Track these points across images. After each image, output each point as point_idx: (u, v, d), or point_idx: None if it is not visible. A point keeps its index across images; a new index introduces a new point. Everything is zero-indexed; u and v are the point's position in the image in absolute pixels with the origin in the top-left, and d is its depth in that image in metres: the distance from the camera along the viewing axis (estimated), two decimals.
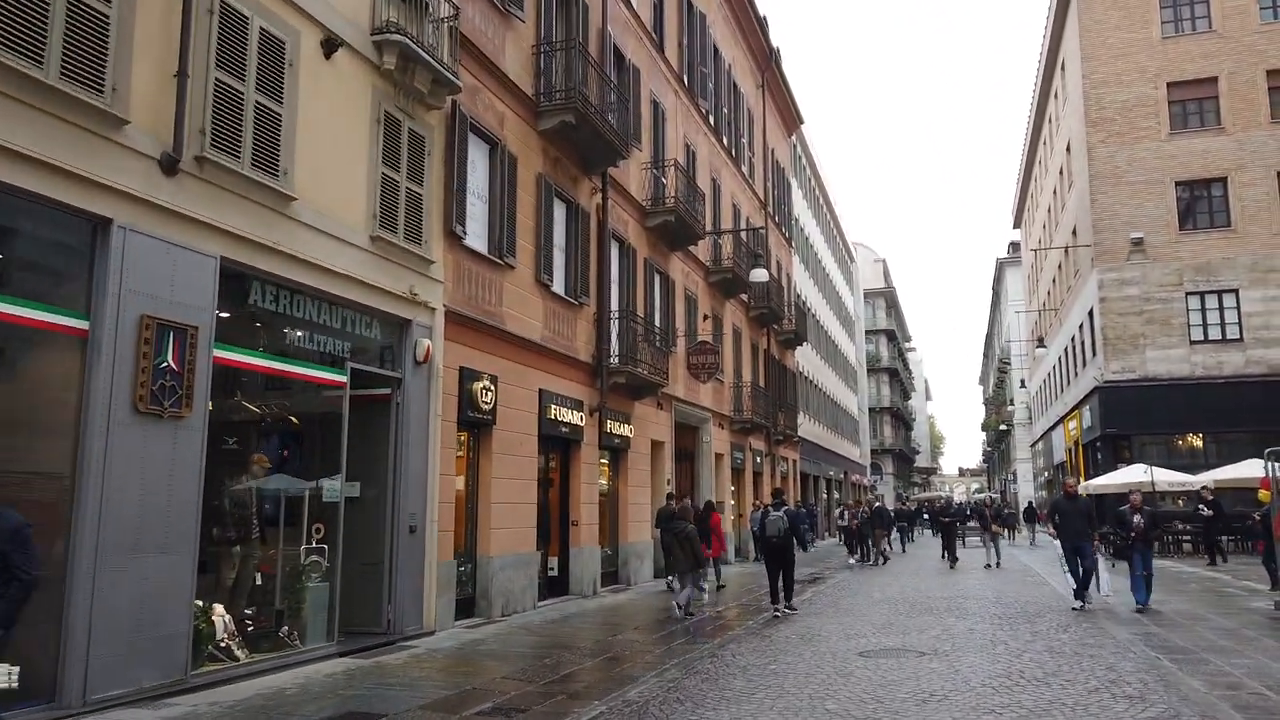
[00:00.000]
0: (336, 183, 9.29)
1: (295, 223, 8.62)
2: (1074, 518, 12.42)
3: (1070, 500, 12.83)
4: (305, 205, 8.75)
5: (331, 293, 9.14)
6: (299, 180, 8.68)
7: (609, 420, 16.01)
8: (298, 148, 8.70)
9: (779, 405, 29.93)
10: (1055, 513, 13.11)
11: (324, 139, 9.12)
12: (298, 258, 8.61)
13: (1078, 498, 12.95)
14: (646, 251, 18.50)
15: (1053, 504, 13.51)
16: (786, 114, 33.96)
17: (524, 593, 12.68)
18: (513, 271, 12.85)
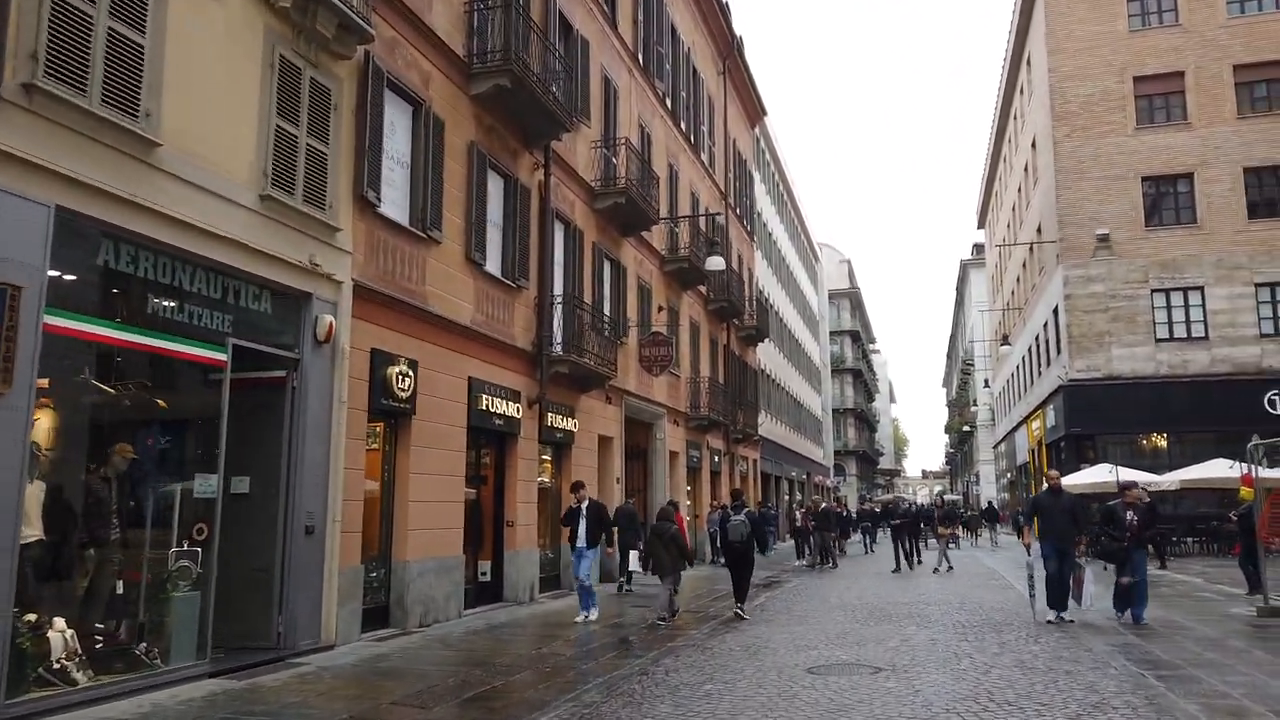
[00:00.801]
0: (218, 133, 8.09)
1: (161, 174, 7.41)
2: (1058, 517, 10.78)
3: (1054, 496, 11.07)
4: (175, 155, 7.55)
5: (209, 257, 7.93)
6: (168, 126, 7.47)
7: (551, 413, 14.90)
8: (167, 88, 7.49)
9: (739, 403, 28.98)
10: (1035, 510, 11.35)
11: (202, 82, 7.92)
12: (164, 214, 7.40)
13: (1062, 493, 11.16)
14: (595, 235, 17.41)
15: (1032, 501, 11.47)
16: (749, 104, 33.07)
17: (447, 600, 11.52)
18: (438, 247, 11.69)
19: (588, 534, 11.91)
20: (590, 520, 11.96)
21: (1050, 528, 10.86)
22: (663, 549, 11.89)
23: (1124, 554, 10.60)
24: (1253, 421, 26.20)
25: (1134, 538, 10.63)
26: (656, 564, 12.21)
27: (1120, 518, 10.86)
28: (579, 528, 11.94)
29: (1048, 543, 10.82)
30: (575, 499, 12.30)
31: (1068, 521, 10.79)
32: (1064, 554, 10.72)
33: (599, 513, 12.19)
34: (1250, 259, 27.31)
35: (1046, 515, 10.99)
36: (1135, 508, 10.87)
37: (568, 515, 12.29)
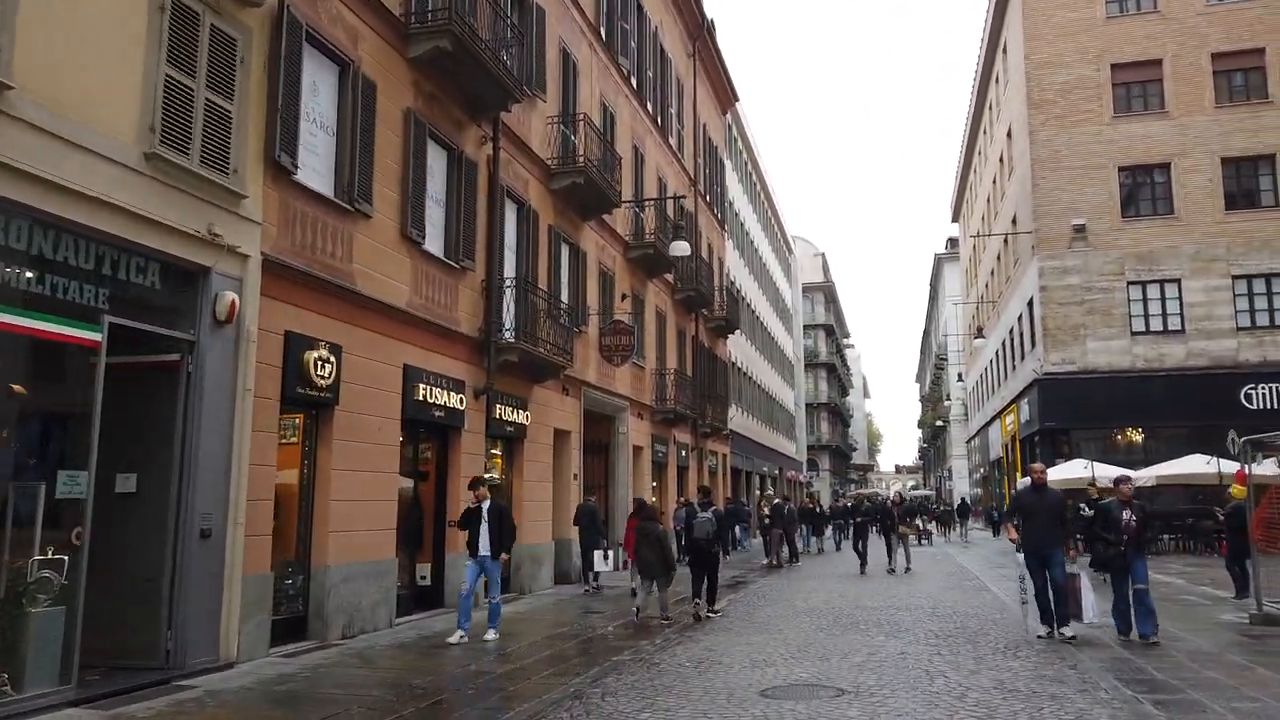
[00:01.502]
0: (91, 80, 7.04)
1: (13, 121, 6.36)
2: (1042, 517, 9.36)
3: (1038, 493, 9.59)
4: (31, 100, 6.49)
5: (77, 221, 6.88)
6: (22, 65, 6.42)
7: (500, 405, 13.91)
8: (21, 23, 6.43)
9: (708, 396, 28.12)
10: (1017, 510, 9.80)
11: (69, 17, 6.86)
12: (16, 169, 6.35)
13: (1047, 490, 9.67)
14: (552, 217, 16.42)
15: (1015, 499, 9.92)
16: (720, 90, 32.16)
17: (375, 609, 10.52)
18: (369, 222, 10.66)
19: (490, 541, 9.97)
20: (492, 524, 9.99)
21: (1033, 531, 9.42)
22: (650, 549, 11.60)
23: (1120, 560, 9.09)
24: (1229, 416, 25.80)
25: (1132, 541, 9.14)
26: (643, 565, 11.80)
27: (1115, 518, 9.28)
28: (478, 532, 9.98)
29: (1032, 550, 9.43)
30: (474, 498, 10.18)
31: (1054, 523, 9.38)
32: (1048, 561, 9.31)
33: (502, 515, 10.18)
34: (1228, 251, 26.83)
35: (1029, 516, 9.52)
36: (1133, 505, 9.36)
37: (464, 517, 10.19)
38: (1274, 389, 25.96)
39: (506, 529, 10.26)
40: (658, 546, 11.57)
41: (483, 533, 10.00)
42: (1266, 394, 26.00)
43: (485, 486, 10.28)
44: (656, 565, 11.58)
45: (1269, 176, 27.03)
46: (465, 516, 10.22)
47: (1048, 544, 9.36)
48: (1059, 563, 9.33)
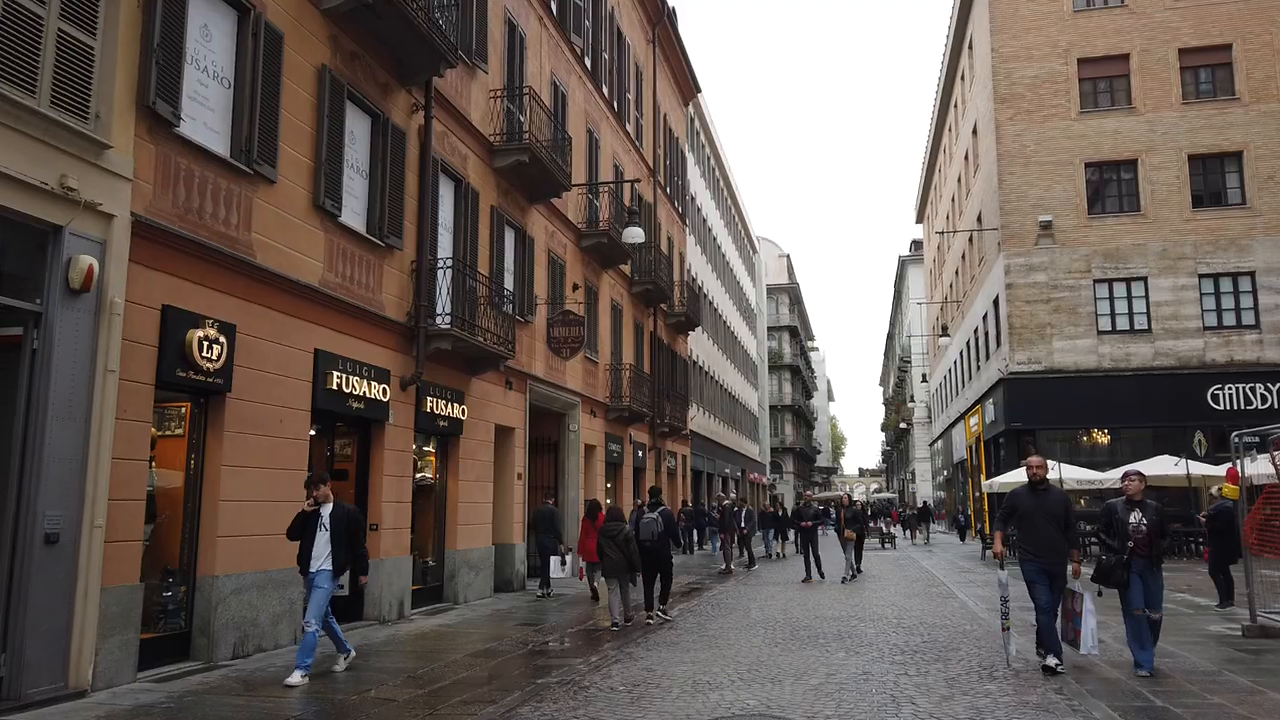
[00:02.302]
0: None
1: None
2: (1043, 521, 7.60)
3: (1035, 494, 7.79)
4: None
5: None
6: None
7: (432, 397, 12.76)
8: None
9: (667, 394, 27.11)
10: (1012, 513, 7.93)
11: None
12: None
13: (1049, 489, 7.85)
14: (495, 198, 15.30)
15: (1008, 502, 8.07)
16: (682, 79, 31.21)
17: (276, 624, 9.32)
18: (272, 188, 9.48)
19: (332, 552, 7.90)
20: (335, 532, 7.93)
21: (1032, 539, 7.65)
22: (617, 551, 11.23)
23: (1123, 572, 7.40)
24: (1196, 416, 25.39)
25: (1143, 550, 7.39)
26: (605, 566, 11.38)
27: (1121, 521, 7.57)
28: (313, 543, 7.92)
29: (1030, 562, 7.65)
30: (309, 500, 8.09)
31: (1056, 530, 7.61)
32: (1054, 577, 7.58)
33: (349, 521, 8.07)
34: (1195, 249, 26.40)
35: (1027, 521, 7.72)
36: (1144, 506, 7.63)
37: (296, 524, 8.10)
38: (1240, 389, 25.54)
39: (359, 538, 8.17)
40: (625, 547, 11.29)
41: (319, 544, 7.89)
42: (1233, 394, 25.57)
43: (326, 486, 8.15)
44: (622, 566, 11.29)
45: (1235, 174, 26.66)
46: (297, 523, 8.05)
47: (1054, 555, 7.61)
48: (1062, 585, 7.67)
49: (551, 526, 15.65)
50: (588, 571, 14.74)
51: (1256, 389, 25.44)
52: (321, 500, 8.09)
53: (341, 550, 7.97)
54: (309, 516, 8.07)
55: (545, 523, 15.64)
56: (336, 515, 8.06)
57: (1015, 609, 8.78)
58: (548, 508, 15.98)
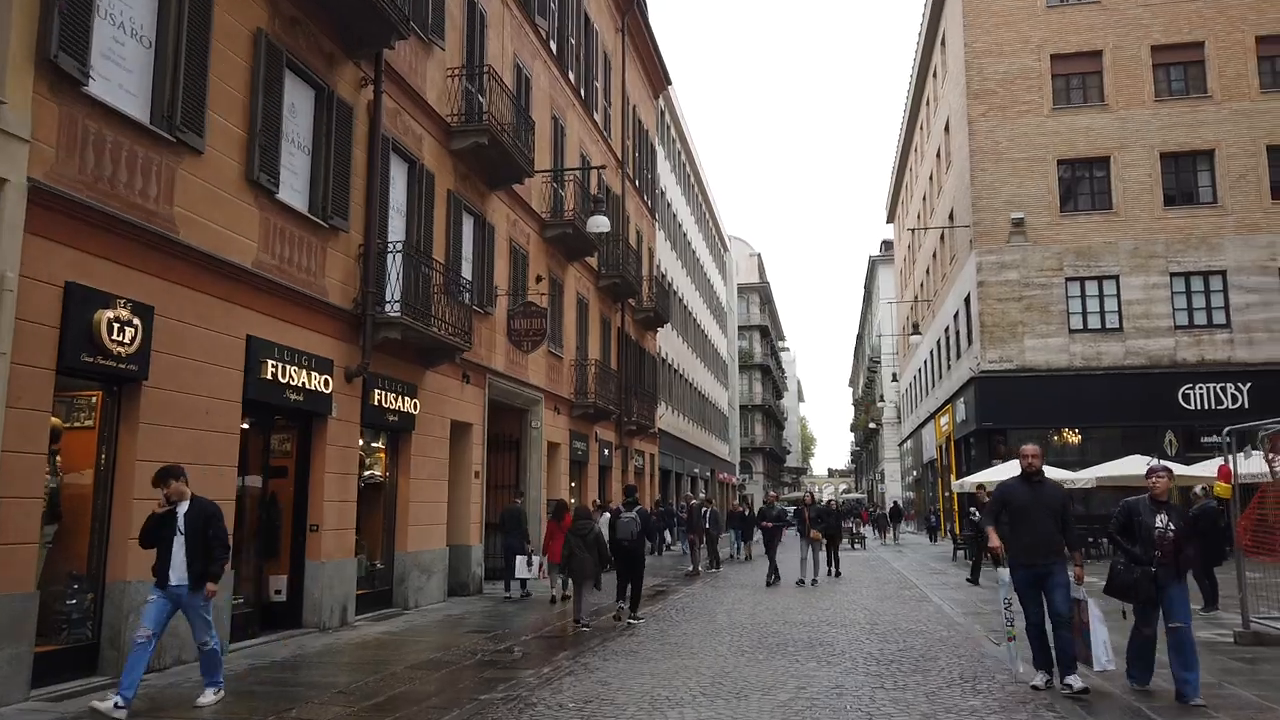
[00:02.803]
0: None
1: None
2: (1039, 517, 6.79)
3: (1030, 486, 6.99)
4: None
5: None
6: None
7: (380, 390, 12.01)
8: None
9: (635, 391, 26.47)
10: (1003, 507, 7.09)
11: None
12: None
13: (1044, 481, 7.06)
14: (452, 182, 14.56)
15: (998, 494, 7.26)
16: (652, 71, 30.59)
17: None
18: (199, 159, 8.70)
19: (187, 560, 6.57)
20: (192, 536, 6.61)
21: (1025, 537, 6.81)
22: (586, 550, 11.05)
23: (1150, 586, 6.36)
24: (1167, 416, 25.22)
25: (1170, 558, 6.36)
26: (574, 566, 11.16)
27: (1146, 525, 6.51)
28: (171, 549, 6.58)
29: (1020, 570, 6.85)
30: (161, 498, 6.73)
31: (1053, 527, 6.79)
32: (1047, 580, 6.73)
33: (208, 523, 6.71)
34: (1166, 248, 26.24)
35: (1020, 517, 6.88)
36: (1170, 508, 6.64)
37: (149, 529, 6.70)
38: (1211, 389, 25.41)
39: (215, 543, 6.73)
40: (595, 547, 11.12)
41: (175, 551, 6.58)
42: (1204, 394, 25.43)
43: (180, 481, 6.69)
44: (591, 565, 11.09)
45: (1207, 173, 26.54)
46: (150, 527, 6.73)
47: (1046, 555, 6.73)
48: (1062, 583, 6.70)
49: (519, 527, 15.06)
50: (551, 573, 14.12)
51: (1227, 389, 25.32)
52: (175, 498, 6.69)
53: (200, 555, 6.67)
54: (163, 519, 6.67)
55: (513, 523, 15.05)
56: (193, 515, 6.68)
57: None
58: (516, 507, 15.39)
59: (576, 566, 11.10)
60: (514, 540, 14.76)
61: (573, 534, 11.29)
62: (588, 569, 11.08)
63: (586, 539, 11.14)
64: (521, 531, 15.02)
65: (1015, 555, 6.84)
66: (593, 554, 11.12)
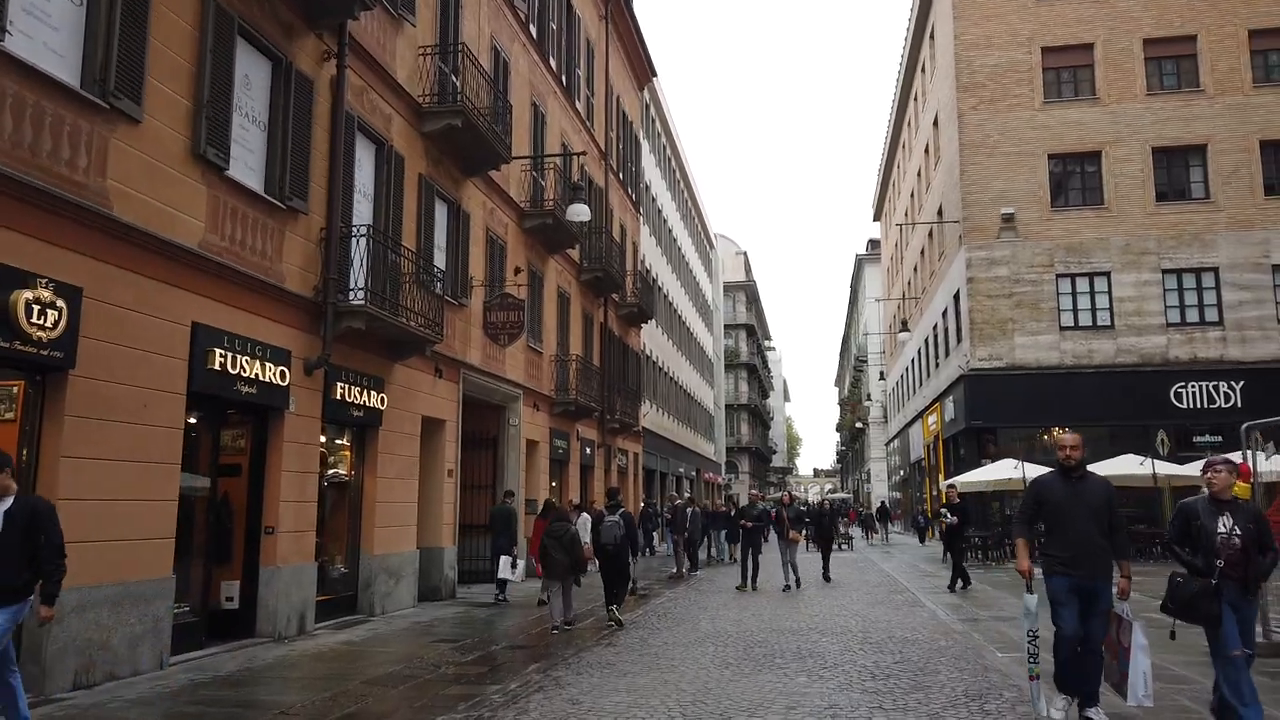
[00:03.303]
0: None
1: None
2: (1081, 519, 5.70)
3: (1069, 481, 5.88)
4: None
5: None
6: None
7: (344, 384, 11.30)
8: None
9: (618, 389, 25.81)
10: (1038, 508, 5.99)
11: None
12: None
13: (1088, 475, 5.94)
14: (425, 166, 13.87)
15: (1033, 491, 6.12)
16: (636, 61, 29.93)
17: (135, 647, 7.82)
18: (136, 128, 7.99)
19: (12, 570, 5.34)
20: (8, 537, 5.34)
21: (1064, 546, 5.71)
22: (561, 552, 10.84)
23: (1211, 602, 5.25)
24: (1159, 415, 24.77)
25: (1235, 571, 5.30)
26: (549, 567, 11.00)
27: (1207, 530, 5.43)
28: None
29: (1060, 576, 5.71)
30: None
31: (1098, 531, 5.67)
32: (1093, 598, 5.62)
33: (33, 521, 5.44)
34: (1158, 244, 25.83)
35: (1057, 518, 5.79)
36: (1236, 507, 5.53)
37: None
38: (1204, 388, 25.02)
39: (49, 552, 5.48)
40: (570, 548, 10.89)
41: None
42: (1197, 393, 25.04)
43: (3, 474, 5.44)
44: (566, 567, 10.88)
45: (1199, 168, 26.15)
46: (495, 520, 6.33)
47: (1090, 569, 5.59)
48: (1105, 607, 5.61)
49: (508, 528, 14.62)
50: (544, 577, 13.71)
51: (1220, 387, 24.94)
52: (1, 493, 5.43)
53: (22, 563, 5.37)
54: None
55: (502, 523, 14.60)
56: (14, 515, 5.38)
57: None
58: (505, 507, 14.96)
59: (551, 568, 10.95)
60: (502, 541, 14.35)
61: (548, 535, 11.12)
62: (563, 570, 10.89)
63: (561, 540, 10.93)
64: (510, 533, 14.62)
65: (1051, 565, 5.79)
66: (567, 556, 10.91)
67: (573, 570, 11.02)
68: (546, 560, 10.99)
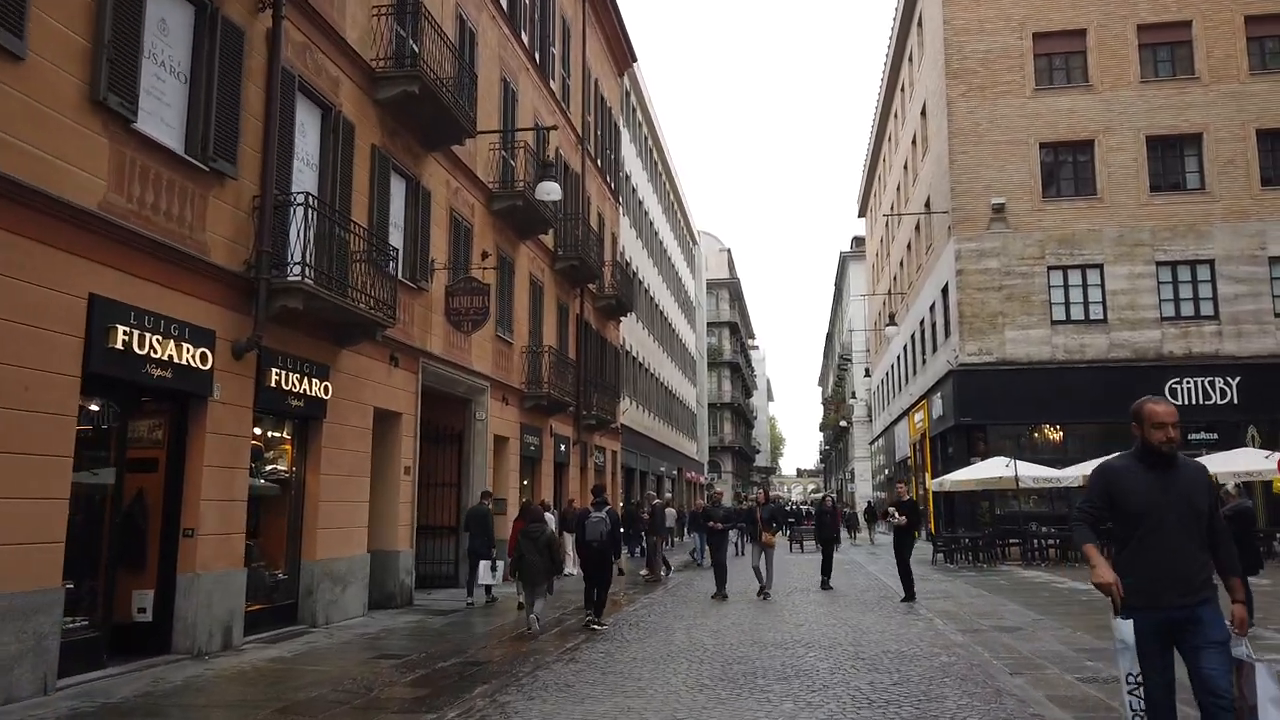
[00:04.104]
0: None
1: None
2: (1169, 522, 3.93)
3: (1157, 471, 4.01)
4: None
5: None
6: None
7: (280, 370, 10.18)
8: None
9: (595, 384, 24.75)
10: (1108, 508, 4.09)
11: None
12: None
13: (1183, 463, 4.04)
14: (379, 137, 12.77)
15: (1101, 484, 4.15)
16: (616, 45, 28.87)
17: (9, 670, 6.66)
18: (17, 66, 6.86)
19: None
20: None
21: (1147, 560, 3.96)
22: (537, 554, 10.51)
23: None
24: None
25: None
26: (524, 570, 10.65)
27: None
28: None
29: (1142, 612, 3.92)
30: None
31: (1195, 541, 3.95)
32: (1194, 626, 3.87)
33: None
34: (1152, 236, 25.06)
35: (1137, 523, 3.99)
36: None
37: None
38: (1199, 383, 24.28)
39: None
40: (546, 550, 10.56)
41: None
42: (1192, 388, 24.29)
43: None
44: (541, 570, 10.55)
45: (1194, 157, 25.41)
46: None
47: (1184, 591, 3.90)
48: (1215, 639, 3.84)
49: (485, 530, 13.74)
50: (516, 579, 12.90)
51: (1215, 383, 24.20)
52: None
53: None
54: None
55: (479, 525, 13.75)
56: None
57: None
58: (482, 508, 14.12)
59: (526, 570, 10.60)
60: (479, 544, 13.57)
61: (524, 536, 10.76)
62: (538, 573, 10.54)
63: (537, 542, 10.59)
64: (488, 535, 13.76)
65: (1130, 593, 3.94)
66: (543, 558, 10.56)
67: (549, 573, 10.66)
68: (521, 561, 10.65)
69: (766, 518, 14.84)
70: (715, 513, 15.69)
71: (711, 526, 15.33)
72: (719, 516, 15.46)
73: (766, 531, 14.69)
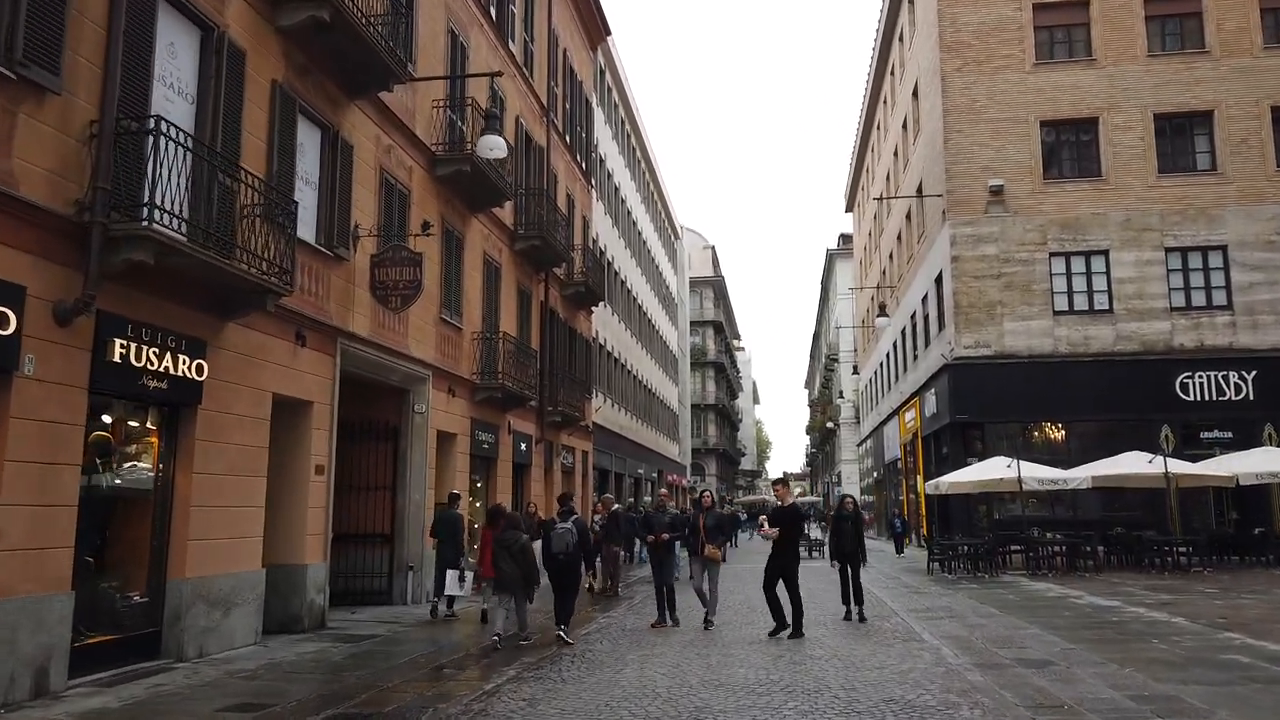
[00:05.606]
0: None
1: None
2: None
3: None
4: None
5: None
6: None
7: (130, 341, 8.13)
8: None
9: (561, 377, 22.75)
10: None
11: None
12: None
13: None
14: (282, 73, 10.75)
15: None
16: (588, 15, 26.91)
17: None
18: None
19: None
20: None
21: None
22: (512, 562, 10.15)
23: None
24: (1162, 408, 22.05)
25: None
26: (500, 579, 10.25)
27: None
28: None
29: None
30: None
31: None
32: None
33: None
34: (1161, 220, 23.35)
35: None
36: None
37: None
38: (1212, 378, 22.53)
39: None
40: (521, 558, 10.17)
41: None
42: (1204, 383, 22.55)
43: None
44: (517, 580, 10.20)
45: (1205, 136, 23.73)
46: None
47: None
48: None
49: (454, 536, 12.64)
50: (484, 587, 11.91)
51: (1229, 377, 22.45)
52: None
53: None
54: None
55: (448, 531, 12.80)
56: None
57: None
58: (451, 513, 13.03)
59: (500, 580, 10.29)
60: (448, 551, 12.70)
61: (498, 544, 10.34)
62: (513, 582, 10.19)
63: (512, 550, 10.17)
64: (457, 541, 12.64)
65: None
66: (517, 567, 10.16)
67: (525, 583, 10.23)
68: (497, 572, 10.27)
69: (711, 526, 11.41)
70: (659, 520, 12.66)
71: (655, 539, 12.28)
72: (664, 524, 12.46)
73: (710, 544, 11.31)
